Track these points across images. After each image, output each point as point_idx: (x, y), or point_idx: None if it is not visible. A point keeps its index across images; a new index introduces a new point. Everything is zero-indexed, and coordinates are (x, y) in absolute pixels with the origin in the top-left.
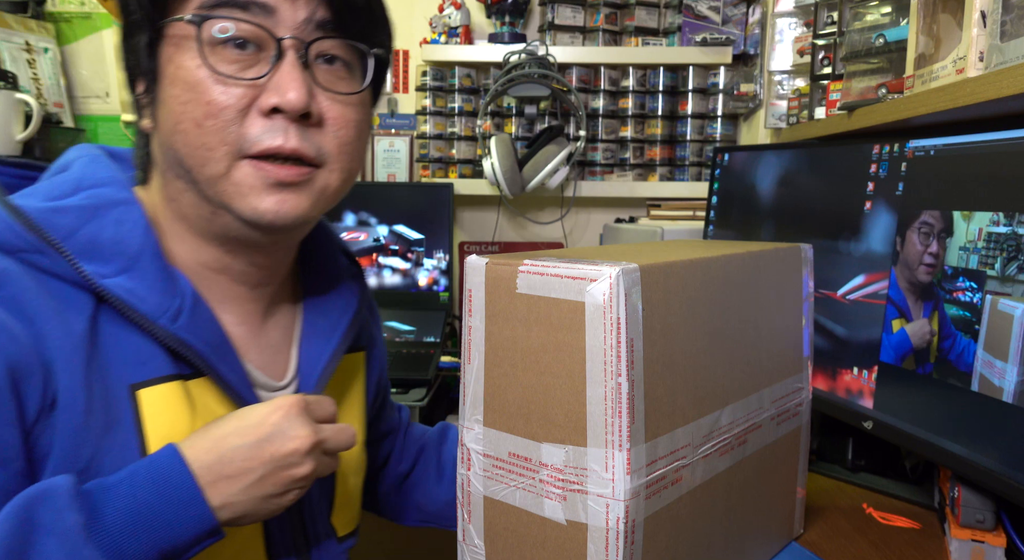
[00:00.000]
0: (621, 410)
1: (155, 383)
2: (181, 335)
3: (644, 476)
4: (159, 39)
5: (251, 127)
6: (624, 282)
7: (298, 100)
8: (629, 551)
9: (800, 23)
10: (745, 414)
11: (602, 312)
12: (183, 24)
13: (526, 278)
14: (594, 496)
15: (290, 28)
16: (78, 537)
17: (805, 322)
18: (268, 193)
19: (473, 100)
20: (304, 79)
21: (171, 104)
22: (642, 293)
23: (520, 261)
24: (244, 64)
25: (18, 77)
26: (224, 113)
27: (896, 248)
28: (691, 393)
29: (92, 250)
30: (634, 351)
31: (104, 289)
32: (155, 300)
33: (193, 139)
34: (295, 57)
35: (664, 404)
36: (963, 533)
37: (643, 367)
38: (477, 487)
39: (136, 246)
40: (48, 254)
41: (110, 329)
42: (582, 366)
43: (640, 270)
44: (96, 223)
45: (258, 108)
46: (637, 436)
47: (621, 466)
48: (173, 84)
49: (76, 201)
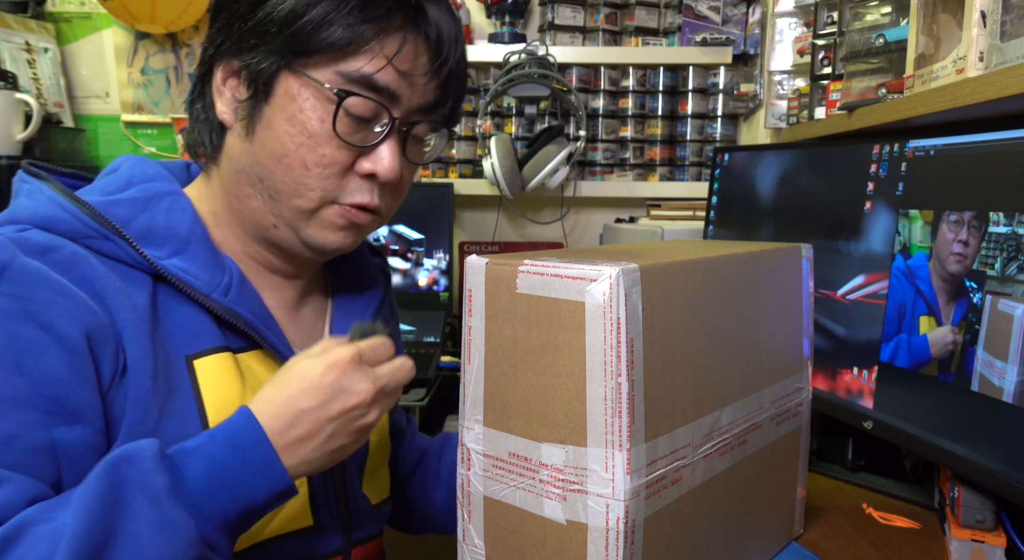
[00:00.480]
0: (621, 410)
1: (208, 353)
2: (233, 307)
3: (644, 476)
4: (283, 69)
5: (348, 182)
6: (624, 282)
7: (394, 175)
8: (629, 551)
9: (800, 23)
10: (745, 414)
11: (602, 312)
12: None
13: (526, 278)
14: (594, 496)
15: (404, 110)
16: (165, 496)
17: (805, 322)
18: (341, 231)
19: (473, 100)
20: (399, 154)
21: (281, 136)
22: (642, 293)
23: (520, 261)
24: (356, 129)
25: (18, 77)
26: (331, 167)
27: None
28: (691, 393)
29: (148, 236)
30: (634, 351)
31: (163, 268)
32: (207, 277)
33: (296, 175)
34: (399, 134)
35: (664, 404)
36: (963, 533)
37: (643, 367)
38: (477, 487)
39: (186, 231)
40: (112, 240)
41: (167, 305)
42: (582, 366)
43: (640, 270)
44: (149, 213)
45: (358, 169)
46: (637, 436)
47: (621, 466)
48: (290, 120)
49: (130, 194)
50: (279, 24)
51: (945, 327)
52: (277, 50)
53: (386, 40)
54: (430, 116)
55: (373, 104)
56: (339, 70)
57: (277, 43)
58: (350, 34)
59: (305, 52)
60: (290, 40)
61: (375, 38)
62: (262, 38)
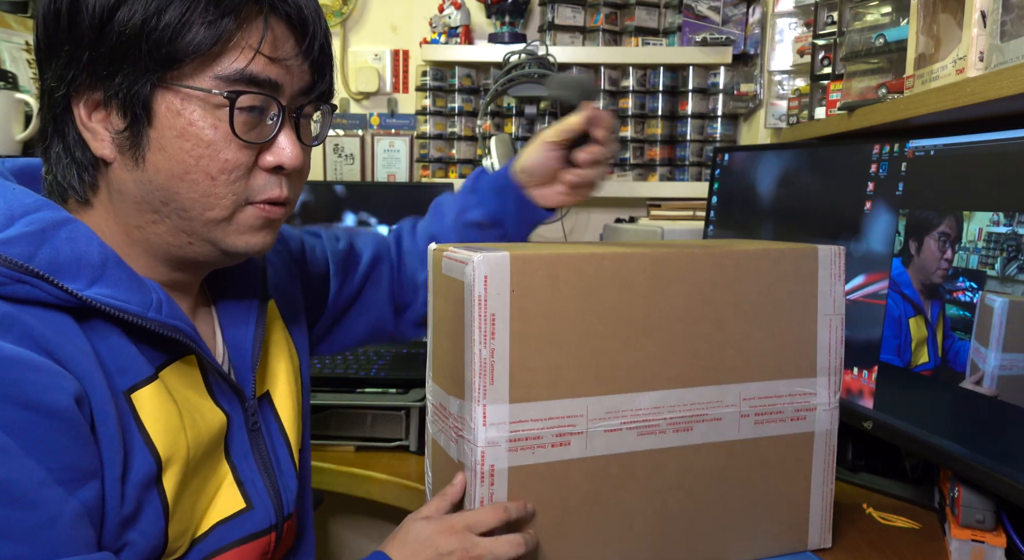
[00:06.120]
0: (483, 372)
1: (142, 385)
2: (171, 322)
3: (506, 431)
4: (156, 87)
5: (255, 179)
6: (486, 266)
7: (299, 162)
8: (489, 491)
9: (800, 23)
10: (687, 403)
11: (472, 290)
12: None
13: (446, 262)
14: (467, 441)
15: (288, 97)
16: None
17: (824, 328)
18: (260, 231)
19: (473, 100)
20: (297, 140)
21: (178, 154)
22: (512, 276)
23: (448, 247)
24: (251, 125)
25: (18, 77)
26: (237, 171)
27: (911, 251)
28: (585, 370)
29: (57, 270)
30: (496, 324)
31: (90, 299)
32: (137, 299)
33: (203, 188)
34: (291, 121)
35: (540, 374)
36: (963, 533)
37: (509, 338)
38: (428, 429)
39: (96, 257)
40: (28, 281)
41: (95, 341)
42: (462, 334)
43: (511, 258)
44: (49, 246)
45: (262, 164)
46: (496, 396)
47: (479, 418)
48: (182, 136)
49: (18, 230)
50: (134, 40)
51: (938, 325)
52: (143, 69)
53: (249, 30)
54: (312, 95)
55: (261, 97)
56: (215, 74)
57: (140, 61)
58: (213, 31)
59: (173, 63)
60: (153, 54)
61: (238, 31)
62: (121, 61)
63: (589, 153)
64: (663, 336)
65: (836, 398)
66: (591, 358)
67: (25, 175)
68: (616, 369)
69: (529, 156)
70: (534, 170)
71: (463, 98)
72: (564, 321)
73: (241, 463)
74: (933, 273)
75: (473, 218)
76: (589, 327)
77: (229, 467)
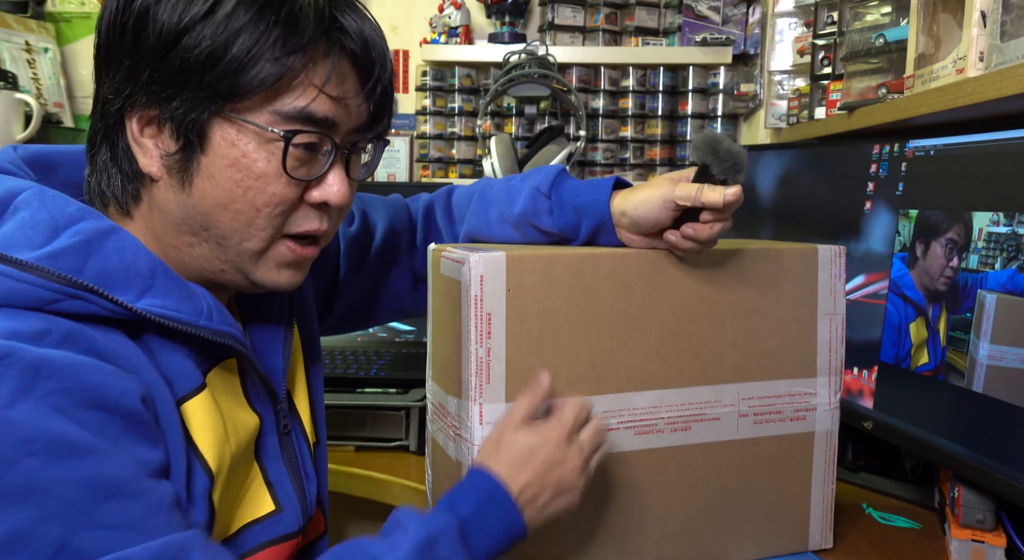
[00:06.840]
0: (480, 371)
1: (193, 395)
2: (223, 329)
3: None
4: (214, 116)
5: (298, 213)
6: (482, 266)
7: (344, 200)
8: None
9: (800, 23)
10: (685, 403)
11: (468, 290)
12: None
13: (444, 262)
14: (464, 440)
15: (343, 134)
16: None
17: (823, 327)
18: (289, 269)
19: (473, 100)
20: (346, 177)
21: (226, 183)
22: (508, 276)
23: (446, 247)
24: (303, 162)
25: (18, 77)
26: (282, 205)
27: (917, 253)
28: (582, 370)
29: (107, 282)
30: (492, 323)
31: (144, 312)
32: (188, 307)
33: (246, 219)
34: (343, 158)
35: (537, 373)
36: (963, 533)
37: (505, 338)
38: (428, 429)
39: (146, 266)
40: (81, 296)
41: (151, 352)
42: (460, 334)
43: (507, 258)
44: (97, 257)
45: (308, 199)
46: (492, 394)
47: (476, 417)
48: (233, 166)
49: (64, 242)
50: (201, 68)
51: (939, 324)
52: (203, 97)
53: (315, 68)
54: (368, 134)
55: (316, 135)
56: (274, 109)
57: (202, 89)
58: (279, 68)
59: (235, 96)
60: (216, 85)
61: (303, 69)
62: (182, 85)
63: (706, 231)
64: (661, 335)
65: (837, 398)
66: (588, 358)
67: (40, 166)
68: (613, 368)
69: (645, 206)
70: (642, 224)
71: (463, 98)
72: (561, 321)
73: (270, 464)
74: (937, 277)
75: (543, 225)
76: (586, 327)
77: (259, 468)
